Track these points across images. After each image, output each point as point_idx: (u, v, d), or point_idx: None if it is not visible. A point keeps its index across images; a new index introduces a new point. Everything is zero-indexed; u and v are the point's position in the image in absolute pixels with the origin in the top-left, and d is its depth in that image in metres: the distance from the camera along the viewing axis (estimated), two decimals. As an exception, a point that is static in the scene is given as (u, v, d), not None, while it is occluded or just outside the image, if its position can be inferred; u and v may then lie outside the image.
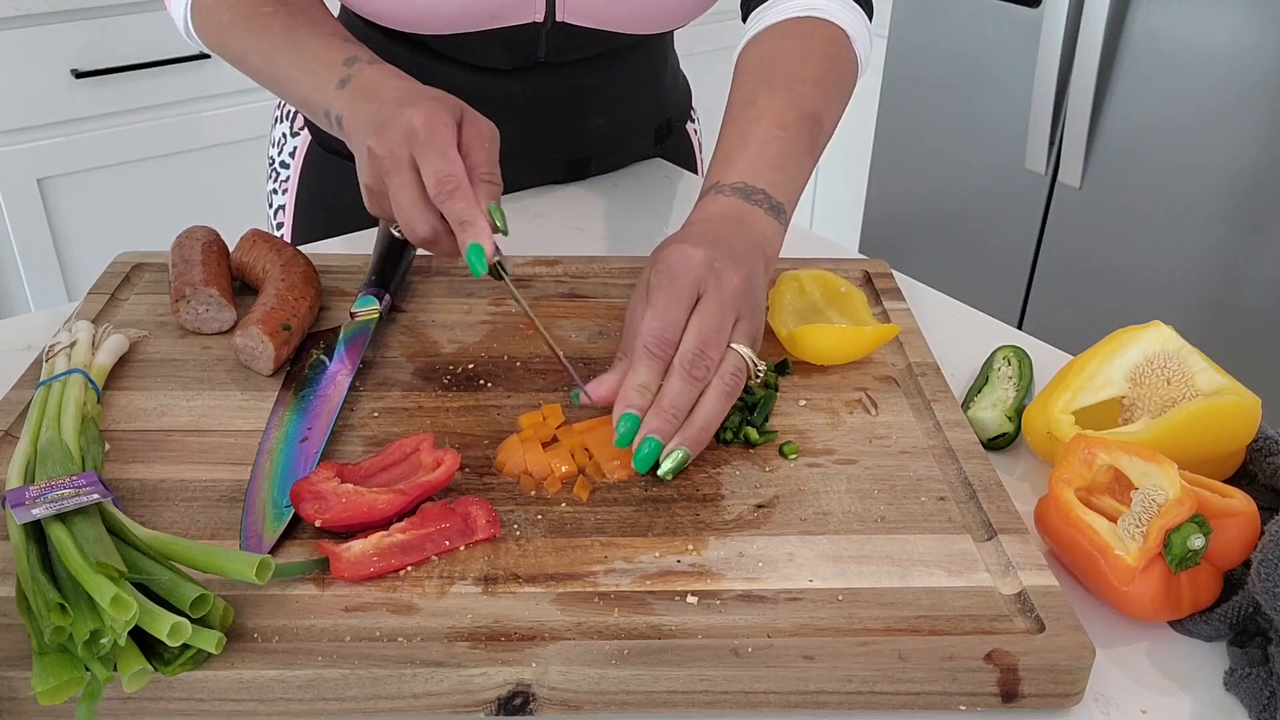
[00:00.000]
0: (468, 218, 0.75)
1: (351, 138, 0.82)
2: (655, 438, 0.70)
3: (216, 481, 0.70)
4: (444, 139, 0.76)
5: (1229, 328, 1.95)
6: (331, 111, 0.84)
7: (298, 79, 0.87)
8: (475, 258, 0.75)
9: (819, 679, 0.58)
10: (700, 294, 0.73)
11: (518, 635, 0.59)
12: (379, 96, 0.81)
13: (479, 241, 0.75)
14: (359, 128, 0.80)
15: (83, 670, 0.54)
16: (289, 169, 1.18)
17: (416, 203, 0.76)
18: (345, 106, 0.83)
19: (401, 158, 0.76)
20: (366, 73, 0.84)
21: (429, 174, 0.75)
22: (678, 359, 0.71)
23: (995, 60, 2.16)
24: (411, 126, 0.76)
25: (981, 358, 0.89)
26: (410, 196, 0.76)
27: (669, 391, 0.70)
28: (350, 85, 0.83)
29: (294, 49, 0.88)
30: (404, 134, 0.76)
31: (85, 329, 0.81)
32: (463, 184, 0.75)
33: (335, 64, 0.85)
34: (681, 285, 0.72)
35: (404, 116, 0.76)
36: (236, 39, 0.92)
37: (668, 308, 0.72)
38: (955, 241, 2.36)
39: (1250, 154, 1.84)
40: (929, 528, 0.68)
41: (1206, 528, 0.63)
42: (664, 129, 1.23)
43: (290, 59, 0.88)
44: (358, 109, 0.81)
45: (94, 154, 2.02)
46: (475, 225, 0.75)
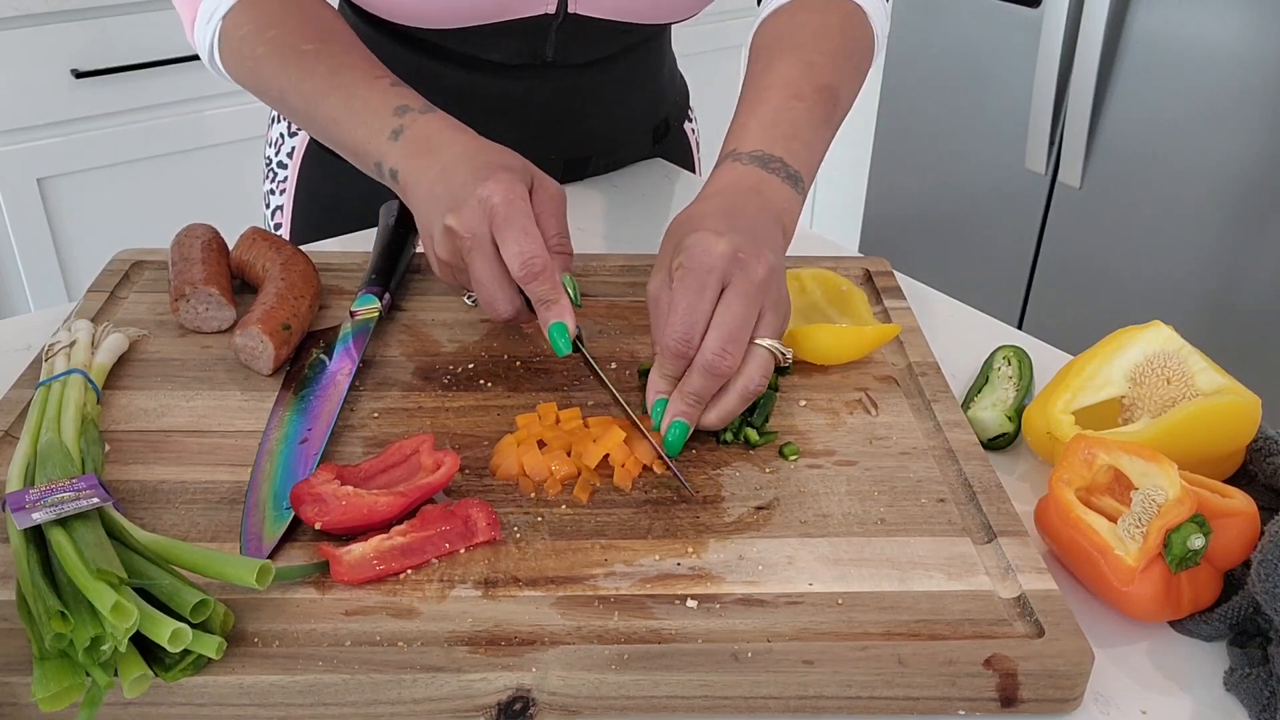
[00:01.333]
0: (551, 298, 0.75)
1: (410, 195, 0.81)
2: (682, 420, 0.72)
3: (216, 483, 0.70)
4: (524, 215, 0.75)
5: (1229, 328, 1.95)
6: (385, 165, 0.82)
7: (345, 126, 0.84)
8: (560, 337, 0.76)
9: (819, 684, 0.58)
10: (725, 285, 0.73)
11: (518, 639, 0.59)
12: (438, 154, 0.79)
13: (563, 321, 0.75)
14: (420, 188, 0.79)
15: (83, 676, 0.54)
16: (286, 169, 1.18)
17: (500, 283, 0.76)
18: (401, 161, 0.81)
19: (483, 236, 0.75)
20: (419, 123, 0.82)
21: (511, 254, 0.74)
22: (699, 359, 0.71)
23: (995, 60, 2.16)
24: (491, 205, 0.75)
25: (981, 358, 0.89)
26: (493, 276, 0.76)
27: (690, 385, 0.72)
28: (404, 137, 0.81)
29: (341, 93, 0.85)
30: (484, 212, 0.75)
31: (85, 328, 0.81)
32: (547, 265, 0.75)
33: (386, 113, 0.83)
34: (705, 281, 0.72)
35: (482, 192, 0.75)
36: (273, 77, 0.88)
37: (691, 306, 0.72)
38: (955, 241, 2.36)
39: (1250, 154, 1.84)
40: (929, 530, 0.68)
41: (1206, 528, 0.63)
42: (661, 128, 1.23)
43: (337, 105, 0.85)
44: (415, 165, 0.80)
45: (94, 154, 2.02)
46: (559, 304, 0.76)
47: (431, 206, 0.78)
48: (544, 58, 1.04)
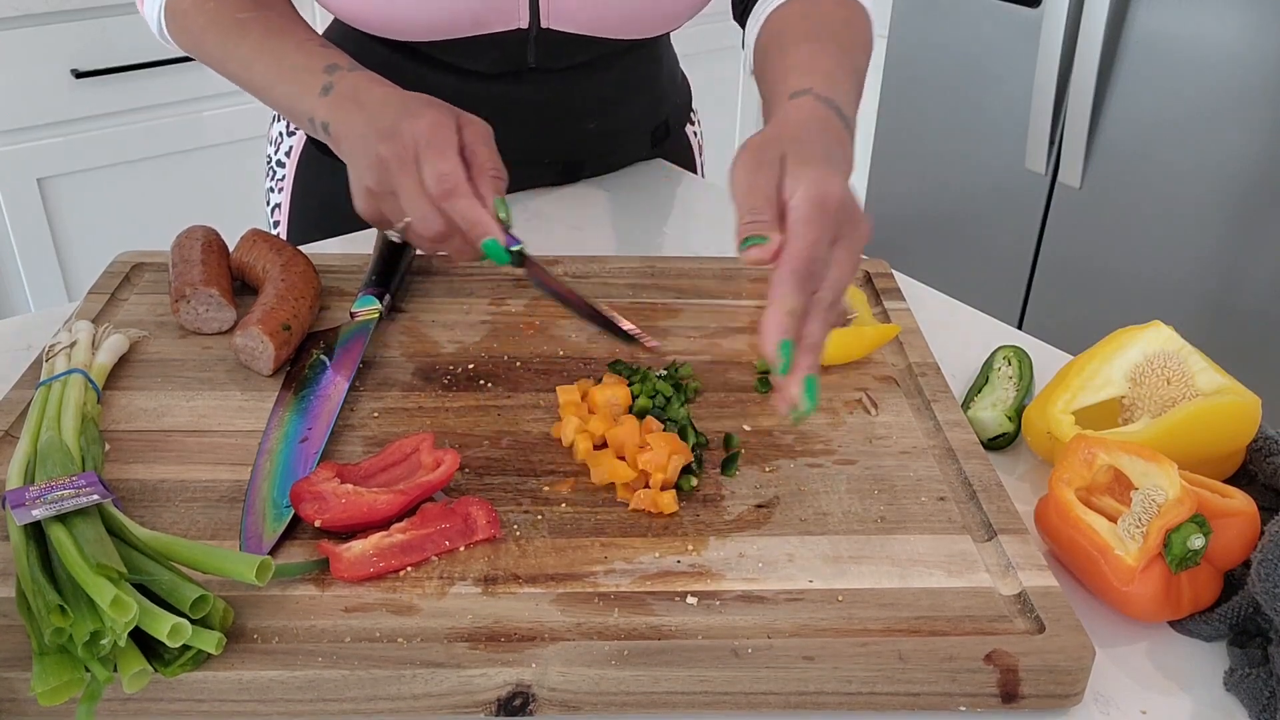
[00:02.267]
0: (473, 216, 0.78)
1: (342, 143, 0.83)
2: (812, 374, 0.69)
3: (216, 482, 0.70)
4: (445, 142, 0.78)
5: (1229, 328, 1.95)
6: (316, 118, 0.86)
7: (278, 86, 0.89)
8: (494, 251, 0.78)
9: (819, 680, 0.58)
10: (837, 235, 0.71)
11: (518, 636, 0.59)
12: (366, 103, 0.83)
13: (491, 236, 0.77)
14: (352, 133, 0.82)
15: (83, 671, 0.54)
16: (285, 168, 1.18)
17: (426, 201, 0.78)
18: (331, 113, 0.84)
19: (408, 160, 0.78)
20: (348, 79, 0.85)
21: (428, 174, 0.77)
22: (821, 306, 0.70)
23: (995, 60, 2.15)
24: (416, 131, 0.78)
25: (981, 358, 0.89)
26: (420, 193, 0.78)
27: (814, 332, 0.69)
28: (334, 92, 0.85)
29: (272, 56, 0.89)
30: (410, 139, 0.78)
31: (85, 329, 0.81)
32: (460, 183, 0.77)
33: (316, 71, 0.87)
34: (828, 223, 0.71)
35: (409, 123, 0.78)
36: (213, 45, 0.93)
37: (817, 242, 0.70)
38: (955, 241, 2.36)
39: (1250, 154, 1.84)
40: (929, 528, 0.68)
41: (1206, 528, 0.63)
42: (660, 131, 1.23)
43: (269, 66, 0.89)
44: (346, 116, 0.83)
45: (94, 154, 2.02)
46: (481, 223, 0.78)
47: (363, 145, 0.81)
48: (527, 65, 1.04)
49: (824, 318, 0.70)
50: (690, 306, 0.92)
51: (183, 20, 0.95)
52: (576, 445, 0.73)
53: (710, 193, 1.20)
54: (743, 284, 0.95)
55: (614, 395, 0.76)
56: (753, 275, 0.97)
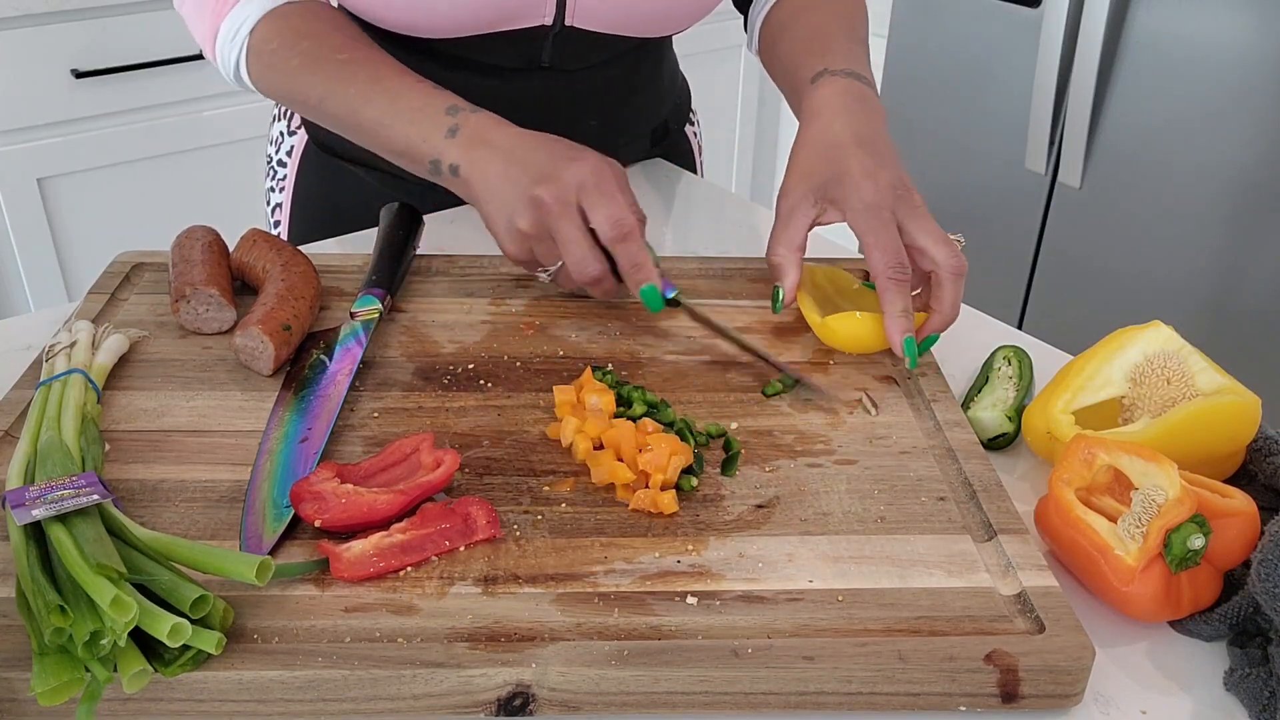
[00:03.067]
0: (640, 260, 0.82)
1: (475, 184, 0.85)
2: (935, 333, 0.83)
3: (216, 482, 0.70)
4: (612, 186, 0.82)
5: (1229, 328, 1.95)
6: (444, 161, 0.86)
7: (394, 128, 0.88)
8: (650, 297, 0.83)
9: (819, 680, 0.58)
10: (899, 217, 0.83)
11: (518, 636, 0.59)
12: (499, 144, 0.85)
13: (653, 282, 0.82)
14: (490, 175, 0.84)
15: (83, 671, 0.54)
16: (286, 168, 1.18)
17: (591, 244, 0.82)
18: (462, 155, 0.85)
19: (572, 204, 0.81)
20: (473, 121, 0.86)
21: (602, 218, 0.81)
22: (945, 268, 0.81)
23: (995, 60, 2.15)
24: (580, 176, 0.81)
25: (981, 358, 0.89)
26: (583, 238, 0.81)
27: (949, 296, 0.82)
28: (461, 134, 0.86)
29: (387, 97, 0.88)
30: (574, 182, 0.81)
31: (85, 329, 0.81)
32: (635, 229, 0.82)
33: (438, 113, 0.87)
34: (885, 219, 0.83)
35: (570, 167, 0.82)
36: (312, 85, 0.91)
37: (888, 239, 0.82)
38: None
39: (1250, 154, 1.84)
40: (929, 528, 0.68)
41: (1206, 528, 0.63)
42: (660, 131, 1.23)
43: (383, 107, 0.88)
44: (479, 157, 0.84)
45: (94, 154, 2.02)
46: (645, 268, 0.82)
47: (507, 187, 0.83)
48: (540, 63, 1.04)
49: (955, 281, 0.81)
50: (690, 306, 0.91)
51: (270, 61, 0.93)
52: (576, 445, 0.73)
53: (711, 193, 1.20)
54: (742, 284, 0.95)
55: (598, 400, 0.76)
56: (751, 275, 0.97)
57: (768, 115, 3.02)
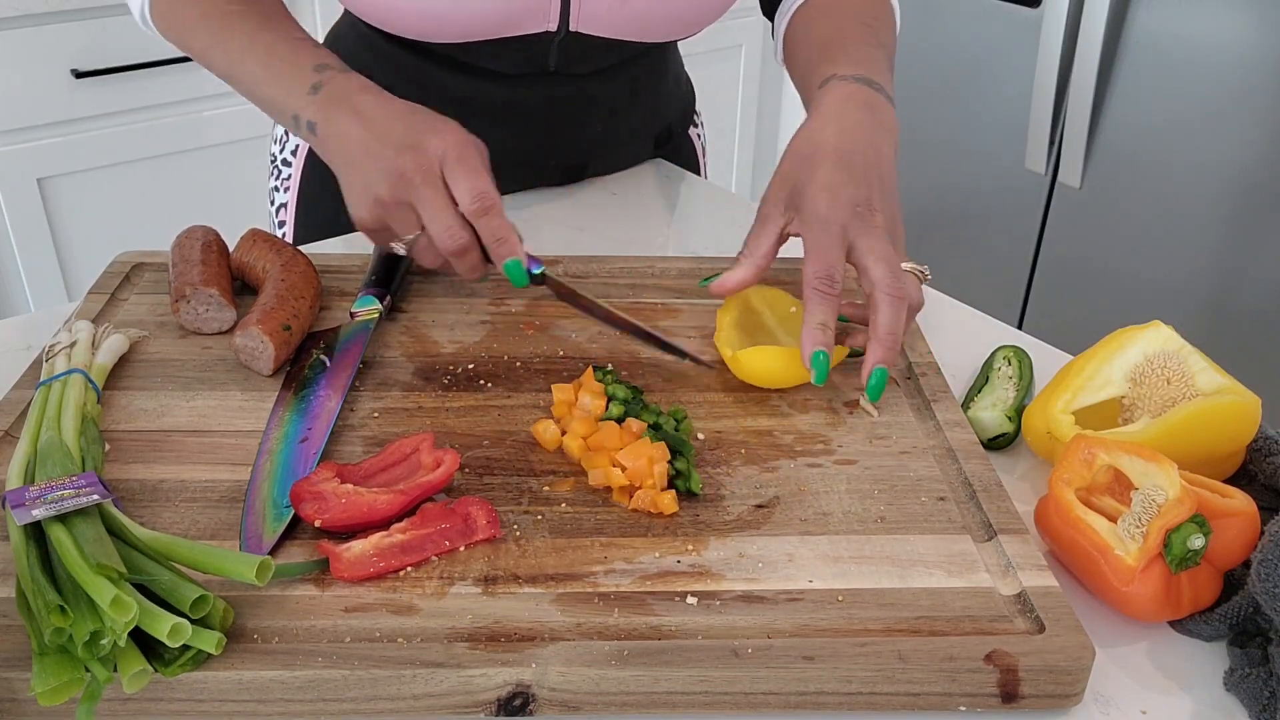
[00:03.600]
0: (503, 234, 0.80)
1: (330, 144, 0.84)
2: (883, 367, 0.76)
3: (216, 482, 0.70)
4: (476, 158, 0.80)
5: (1229, 328, 1.95)
6: (302, 117, 0.85)
7: (265, 82, 0.89)
8: (516, 271, 0.81)
9: (819, 680, 0.58)
10: (852, 235, 0.79)
11: (518, 636, 0.59)
12: (362, 109, 0.83)
13: (517, 255, 0.80)
14: (348, 138, 0.82)
15: (83, 671, 0.54)
16: (291, 166, 1.18)
17: (454, 213, 0.79)
18: (319, 113, 0.84)
19: (435, 173, 0.79)
20: (339, 81, 0.85)
21: (464, 189, 0.79)
22: (879, 288, 0.76)
23: (995, 60, 2.16)
24: (443, 148, 0.79)
25: (981, 358, 0.89)
26: (446, 206, 0.79)
27: (883, 320, 0.76)
28: (323, 92, 0.85)
29: (262, 51, 0.89)
30: (436, 153, 0.79)
31: (85, 329, 0.81)
32: (498, 201, 0.79)
33: (305, 69, 0.86)
34: (833, 232, 0.79)
35: (433, 138, 0.80)
36: (200, 36, 0.92)
37: (826, 249, 0.78)
38: (955, 241, 2.36)
39: (1250, 154, 1.84)
40: (929, 528, 0.68)
41: (1206, 528, 0.63)
42: (663, 135, 1.23)
43: (258, 62, 0.89)
44: (337, 118, 0.83)
45: (94, 154, 2.02)
46: (509, 241, 0.80)
47: (366, 153, 0.81)
48: (546, 68, 1.04)
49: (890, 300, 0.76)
50: (690, 306, 0.92)
51: (169, 7, 0.94)
52: (568, 446, 0.73)
53: (712, 193, 1.20)
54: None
55: (588, 401, 0.75)
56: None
57: (768, 115, 3.02)
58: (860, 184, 0.80)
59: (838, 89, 0.88)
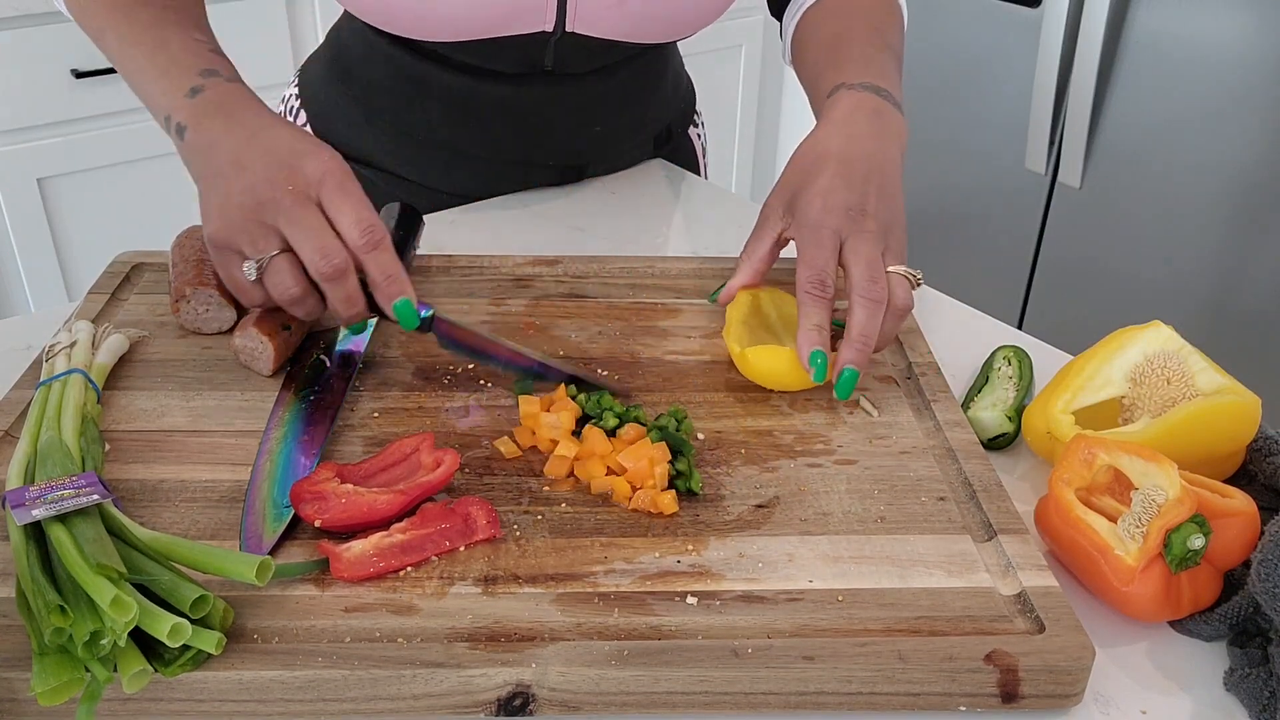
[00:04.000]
0: (393, 271, 0.74)
1: (196, 156, 0.79)
2: (852, 367, 0.76)
3: (216, 482, 0.70)
4: (358, 189, 0.75)
5: (1229, 328, 1.95)
6: (174, 118, 0.81)
7: (149, 75, 0.83)
8: (406, 312, 0.75)
9: (819, 680, 0.58)
10: (843, 236, 0.79)
11: (518, 636, 0.59)
12: (241, 120, 0.78)
13: (407, 295, 0.75)
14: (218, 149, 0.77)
15: (83, 671, 0.54)
16: None
17: (333, 235, 0.73)
18: (191, 118, 0.80)
19: (310, 197, 0.74)
20: (222, 89, 0.81)
21: (350, 221, 0.73)
22: (855, 290, 0.77)
23: (995, 60, 2.16)
24: (321, 171, 0.74)
25: (981, 358, 0.89)
26: (324, 229, 0.73)
27: (857, 323, 0.76)
28: (201, 96, 0.80)
29: (154, 43, 0.84)
30: (314, 176, 0.74)
31: (85, 329, 0.81)
32: (386, 236, 0.74)
33: (191, 71, 0.82)
34: (824, 236, 0.79)
35: (312, 161, 0.75)
36: (98, 16, 0.88)
37: (816, 254, 0.79)
38: (955, 241, 2.36)
39: (1250, 154, 1.84)
40: (929, 528, 0.68)
41: (1206, 528, 0.63)
42: (663, 136, 1.23)
43: (146, 52, 0.84)
44: (210, 125, 0.79)
45: (94, 154, 2.02)
46: (400, 280, 0.74)
47: (237, 167, 0.75)
48: (542, 67, 1.04)
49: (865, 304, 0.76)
50: (690, 306, 0.92)
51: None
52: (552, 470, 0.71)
53: (711, 193, 1.20)
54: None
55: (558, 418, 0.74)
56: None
57: (768, 115, 3.02)
58: (856, 189, 0.81)
59: (846, 98, 0.88)
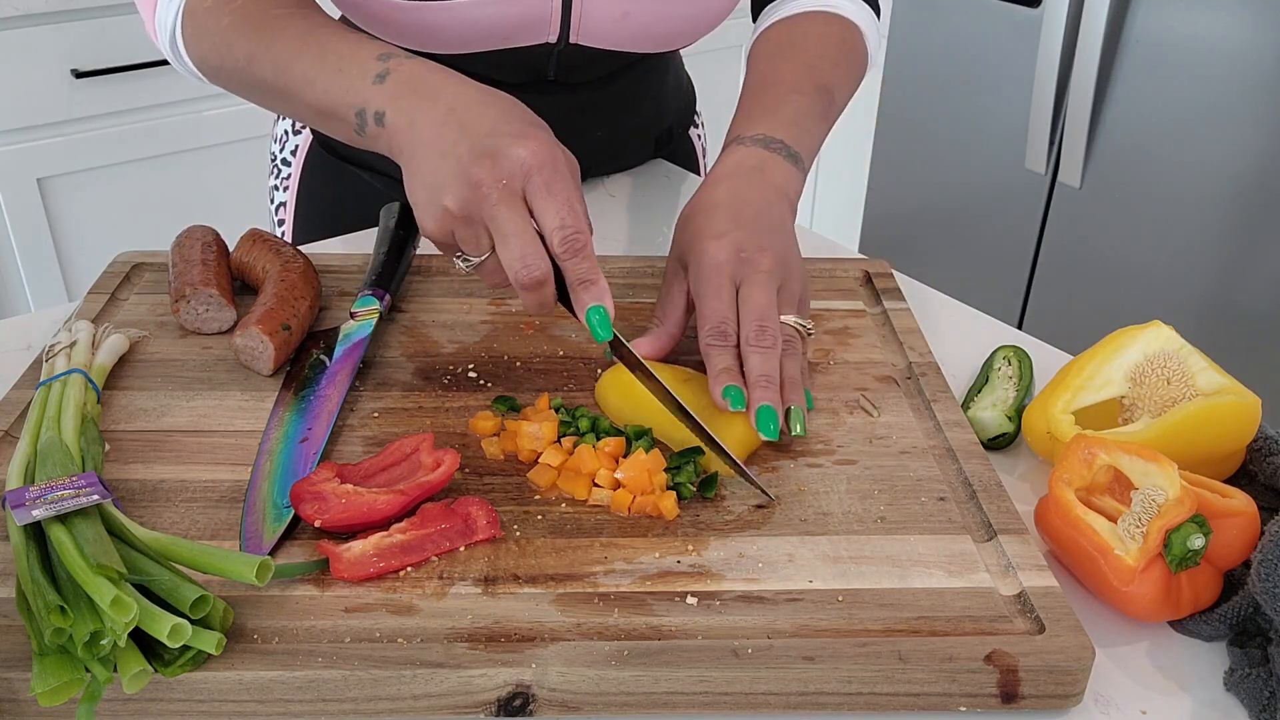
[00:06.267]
0: (591, 277, 0.70)
1: (402, 137, 0.74)
2: (767, 404, 0.72)
3: (216, 482, 0.70)
4: (567, 184, 0.70)
5: (1229, 328, 1.95)
6: (368, 109, 0.75)
7: (321, 80, 0.78)
8: (599, 321, 0.70)
9: (819, 680, 0.58)
10: (738, 282, 0.77)
11: (518, 636, 0.59)
12: (438, 96, 0.74)
13: (603, 304, 0.71)
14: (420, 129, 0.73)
15: (83, 671, 0.54)
16: (290, 166, 1.18)
17: (536, 241, 0.70)
18: (389, 102, 0.74)
19: (515, 191, 0.70)
20: (406, 66, 0.76)
21: (553, 225, 0.69)
22: (744, 341, 0.75)
23: (995, 60, 2.16)
24: (529, 163, 0.70)
25: (981, 358, 0.89)
26: (525, 230, 0.70)
27: (753, 367, 0.74)
28: (391, 79, 0.75)
29: (316, 49, 0.79)
30: (516, 166, 0.69)
31: (85, 329, 0.81)
32: (589, 243, 0.70)
33: (368, 60, 0.77)
34: (720, 283, 0.77)
35: (521, 148, 0.70)
36: (241, 44, 0.82)
37: (715, 305, 0.77)
38: (955, 241, 2.36)
39: (1250, 154, 1.84)
40: (929, 528, 0.68)
41: (1206, 528, 0.63)
42: (664, 137, 1.23)
43: (312, 61, 0.79)
44: (408, 104, 0.74)
45: (94, 154, 2.02)
46: (598, 285, 0.71)
47: (438, 152, 0.71)
48: (545, 76, 1.04)
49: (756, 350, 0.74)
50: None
51: (203, 21, 0.85)
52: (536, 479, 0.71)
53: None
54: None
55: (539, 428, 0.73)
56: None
57: (768, 115, 3.01)
58: (747, 228, 0.79)
59: (733, 154, 0.87)
